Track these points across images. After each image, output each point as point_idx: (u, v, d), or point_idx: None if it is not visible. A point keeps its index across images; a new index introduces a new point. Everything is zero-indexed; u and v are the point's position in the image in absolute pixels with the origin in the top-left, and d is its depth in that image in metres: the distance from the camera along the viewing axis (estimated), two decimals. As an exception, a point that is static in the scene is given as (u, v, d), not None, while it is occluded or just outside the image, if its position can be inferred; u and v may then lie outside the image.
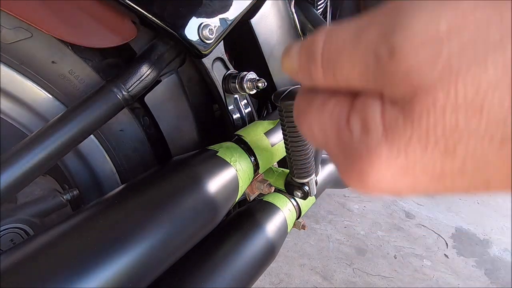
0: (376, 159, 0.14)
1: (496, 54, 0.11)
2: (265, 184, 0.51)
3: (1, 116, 0.43)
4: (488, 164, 0.12)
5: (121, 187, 0.38)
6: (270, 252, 0.50)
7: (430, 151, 0.13)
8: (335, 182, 0.79)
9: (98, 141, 0.48)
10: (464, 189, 0.13)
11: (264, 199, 0.56)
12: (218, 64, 0.52)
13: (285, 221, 0.55)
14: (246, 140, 0.46)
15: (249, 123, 0.55)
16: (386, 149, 0.14)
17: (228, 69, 0.53)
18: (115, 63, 0.48)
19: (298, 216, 0.60)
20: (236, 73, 0.52)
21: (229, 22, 0.44)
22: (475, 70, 0.11)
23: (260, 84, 0.49)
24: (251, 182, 0.49)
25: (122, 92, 0.40)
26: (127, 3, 0.35)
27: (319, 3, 0.86)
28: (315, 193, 0.48)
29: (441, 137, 0.12)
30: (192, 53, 0.44)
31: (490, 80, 0.11)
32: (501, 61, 0.11)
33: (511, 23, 0.11)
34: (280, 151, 0.50)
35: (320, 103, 0.16)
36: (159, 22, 0.38)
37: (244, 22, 0.53)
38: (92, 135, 0.46)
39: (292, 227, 0.59)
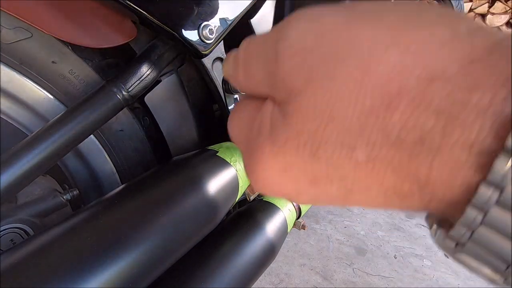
0: (262, 156, 0.15)
1: (342, 69, 0.13)
2: (265, 184, 0.51)
3: (1, 116, 0.43)
4: (345, 172, 0.13)
5: (121, 187, 0.38)
6: (270, 252, 0.50)
7: (301, 153, 0.14)
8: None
9: (98, 141, 0.48)
10: (339, 198, 0.15)
11: (264, 199, 0.56)
12: (218, 64, 0.52)
13: (285, 221, 0.55)
14: (246, 140, 0.46)
15: (249, 123, 0.55)
16: (269, 147, 0.15)
17: (228, 69, 0.53)
18: (115, 63, 0.48)
19: (298, 216, 0.60)
20: (236, 73, 0.52)
21: (229, 22, 0.44)
22: (326, 82, 0.13)
23: (260, 84, 0.49)
24: (251, 182, 0.49)
25: (122, 92, 0.40)
26: (127, 3, 0.35)
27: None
28: (315, 193, 0.48)
29: (308, 139, 0.14)
30: (192, 53, 0.44)
31: (337, 91, 0.13)
32: (344, 76, 0.12)
33: (359, 41, 0.13)
34: (280, 151, 0.49)
35: (244, 105, 0.19)
36: (159, 22, 0.38)
37: (244, 22, 0.53)
38: (92, 135, 0.46)
39: (292, 227, 0.59)
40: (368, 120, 0.12)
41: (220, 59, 0.52)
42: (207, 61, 0.49)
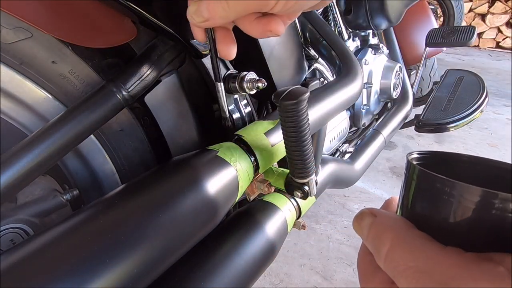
0: None
1: None
2: (265, 184, 0.51)
3: (1, 116, 0.43)
4: None
5: (121, 187, 0.38)
6: (270, 252, 0.50)
7: None
8: (335, 182, 0.79)
9: (98, 141, 0.48)
10: None
11: (264, 199, 0.56)
12: (218, 64, 0.52)
13: (285, 221, 0.55)
14: (246, 140, 0.46)
15: (249, 123, 0.55)
16: None
17: (228, 69, 0.53)
18: (115, 63, 0.48)
19: (298, 216, 0.60)
20: (236, 73, 0.52)
21: (229, 22, 0.44)
22: None
23: (260, 84, 0.49)
24: (251, 182, 0.49)
25: (122, 92, 0.40)
26: (127, 3, 0.35)
27: (319, 3, 0.85)
28: (315, 193, 0.48)
29: None
30: (192, 53, 0.44)
31: None
32: None
33: None
34: (280, 151, 0.50)
35: (380, 283, 0.20)
36: (159, 22, 0.38)
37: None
38: (92, 135, 0.46)
39: (292, 227, 0.59)
40: None
41: (220, 59, 0.51)
42: (207, 61, 0.49)
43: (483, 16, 4.36)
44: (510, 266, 0.15)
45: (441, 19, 2.87)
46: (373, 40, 1.15)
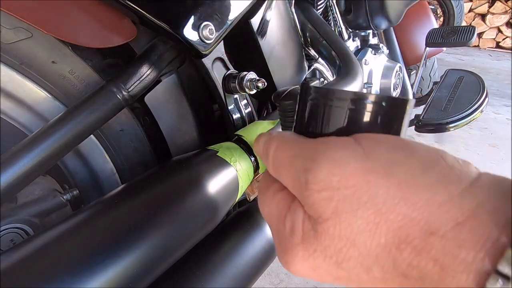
0: (295, 256, 0.19)
1: (363, 210, 0.16)
2: (265, 184, 0.51)
3: (1, 116, 0.43)
4: (363, 279, 0.18)
5: (121, 187, 0.38)
6: (270, 252, 0.50)
7: (327, 261, 0.18)
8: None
9: (98, 141, 0.48)
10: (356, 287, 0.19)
11: (264, 199, 0.56)
12: (218, 64, 0.52)
13: (285, 221, 0.55)
14: (246, 140, 0.46)
15: (249, 123, 0.55)
16: (302, 252, 0.19)
17: (228, 69, 0.53)
18: (115, 63, 0.48)
19: (298, 216, 0.60)
20: (236, 73, 0.52)
21: (229, 22, 0.44)
22: (350, 217, 0.17)
23: (260, 84, 0.49)
24: (251, 182, 0.49)
25: (122, 92, 0.40)
26: (127, 3, 0.35)
27: (319, 3, 0.86)
28: (315, 193, 0.48)
29: (333, 253, 0.18)
30: (192, 53, 0.44)
31: (358, 226, 0.17)
32: (365, 217, 0.16)
33: (376, 191, 0.16)
34: (280, 151, 0.49)
35: (273, 192, 0.22)
36: (159, 22, 0.38)
37: (244, 22, 0.53)
38: (92, 135, 0.46)
39: (292, 227, 0.59)
40: (383, 253, 0.16)
41: (220, 59, 0.52)
42: (207, 61, 0.49)
43: (483, 16, 4.36)
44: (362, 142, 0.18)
45: (441, 19, 2.87)
46: (373, 40, 1.14)
